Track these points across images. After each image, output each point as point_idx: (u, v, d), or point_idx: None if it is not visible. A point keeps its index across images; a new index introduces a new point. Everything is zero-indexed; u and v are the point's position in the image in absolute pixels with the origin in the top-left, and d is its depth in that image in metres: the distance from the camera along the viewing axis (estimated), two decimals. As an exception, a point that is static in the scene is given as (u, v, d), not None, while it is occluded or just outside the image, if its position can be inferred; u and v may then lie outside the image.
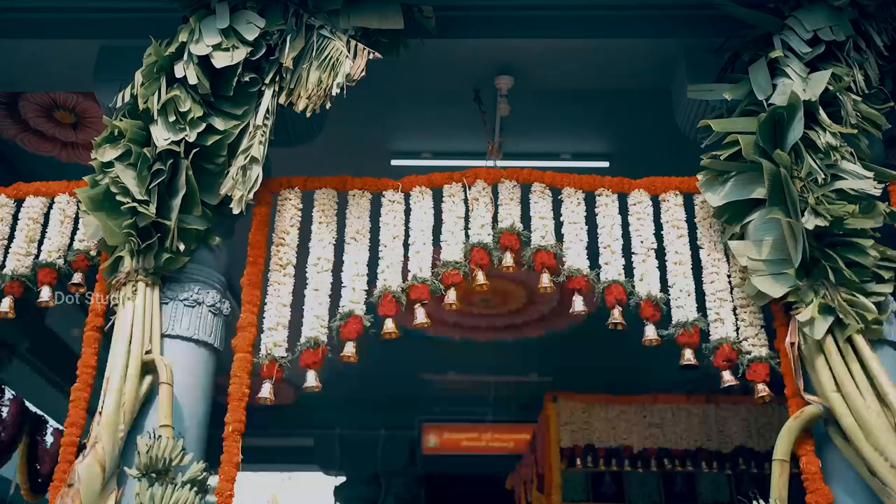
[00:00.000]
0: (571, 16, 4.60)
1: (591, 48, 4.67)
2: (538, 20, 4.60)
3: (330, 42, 3.92)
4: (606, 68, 4.80)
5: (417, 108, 5.86)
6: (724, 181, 3.99)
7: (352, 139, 6.18)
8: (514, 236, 4.15)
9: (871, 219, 3.62)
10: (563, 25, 4.61)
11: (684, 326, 3.91)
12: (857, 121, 3.82)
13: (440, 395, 11.28)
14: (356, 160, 6.21)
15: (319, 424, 11.53)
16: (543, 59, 4.77)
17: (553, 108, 5.89)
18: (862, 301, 3.60)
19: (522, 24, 4.61)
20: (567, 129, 6.10)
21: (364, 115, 5.96)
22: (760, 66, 4.04)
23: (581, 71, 4.82)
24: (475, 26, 4.59)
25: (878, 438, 3.35)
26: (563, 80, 4.90)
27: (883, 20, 4.03)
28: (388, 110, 5.94)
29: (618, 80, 4.90)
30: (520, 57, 4.75)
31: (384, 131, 6.16)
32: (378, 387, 10.92)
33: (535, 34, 4.62)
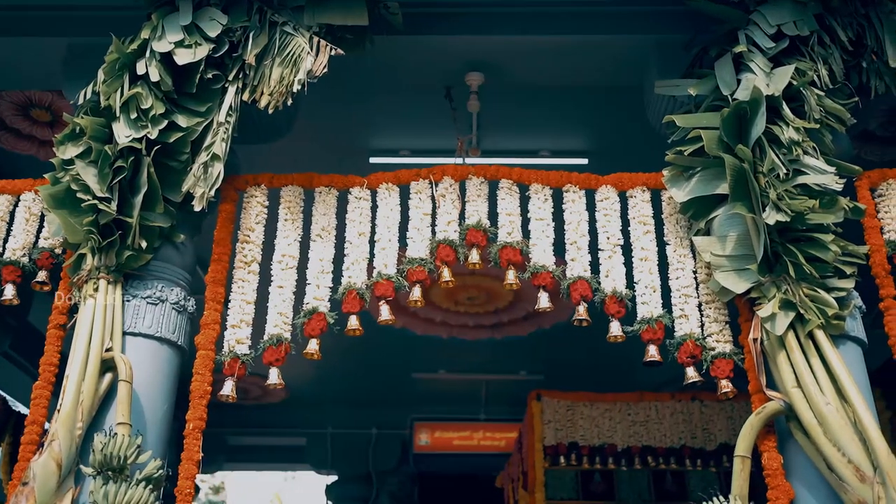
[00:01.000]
0: (542, 12, 4.59)
1: (562, 45, 4.66)
2: (509, 17, 4.60)
3: (293, 38, 3.91)
4: (578, 65, 4.79)
5: (396, 106, 5.85)
6: (690, 177, 3.97)
7: (331, 137, 6.19)
8: (480, 233, 4.14)
9: (832, 214, 3.61)
10: (534, 22, 4.60)
11: (648, 323, 3.90)
12: (820, 116, 3.80)
13: (432, 394, 11.28)
14: (335, 158, 6.22)
15: (311, 423, 11.55)
16: (515, 56, 4.76)
17: (531, 106, 5.88)
18: (823, 296, 3.58)
19: (493, 20, 4.60)
20: (546, 127, 6.08)
21: (343, 112, 5.98)
22: (726, 61, 4.03)
23: (553, 68, 4.81)
24: (445, 23, 4.58)
25: (836, 434, 3.33)
26: (536, 76, 4.89)
27: (847, 15, 4.00)
28: (366, 108, 5.93)
29: (590, 76, 4.89)
30: (491, 54, 4.75)
31: (363, 129, 6.15)
32: (370, 386, 10.94)
33: (505, 31, 4.61)
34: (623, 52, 4.64)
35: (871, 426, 3.28)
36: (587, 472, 8.54)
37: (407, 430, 11.43)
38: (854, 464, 3.28)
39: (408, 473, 12.16)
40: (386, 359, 10.20)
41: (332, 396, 11.30)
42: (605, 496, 8.66)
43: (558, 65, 4.78)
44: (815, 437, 3.39)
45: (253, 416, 11.58)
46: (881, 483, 3.20)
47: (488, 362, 10.32)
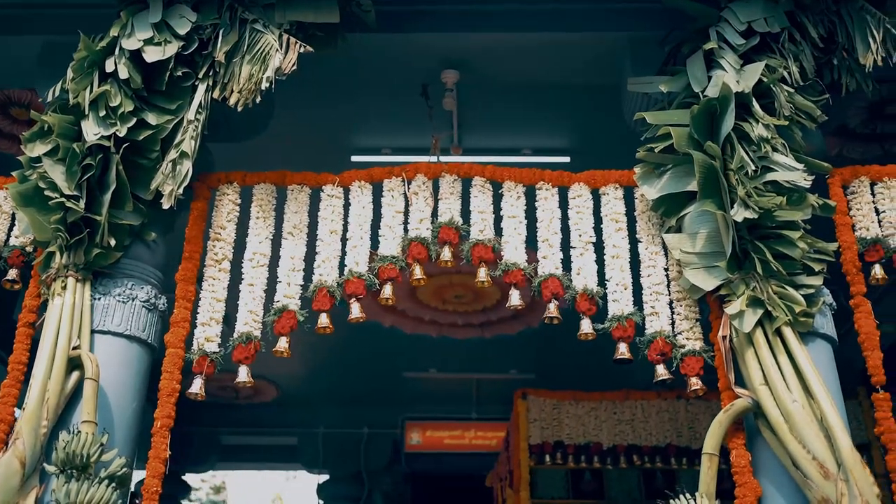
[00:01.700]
0: (517, 10, 4.59)
1: (538, 43, 4.67)
2: (483, 14, 4.60)
3: (262, 36, 3.91)
4: (554, 63, 4.79)
5: (377, 105, 5.83)
6: (661, 174, 3.97)
7: (313, 136, 6.18)
8: (452, 230, 4.14)
9: (800, 211, 3.60)
10: (509, 20, 4.60)
11: (619, 320, 3.89)
12: (790, 112, 3.79)
13: (423, 393, 11.27)
14: (317, 156, 6.17)
15: (303, 423, 11.55)
16: (490, 54, 4.76)
17: (513, 104, 5.86)
18: (791, 293, 3.57)
19: (468, 18, 4.60)
20: (527, 125, 6.06)
21: (324, 111, 5.97)
22: (697, 58, 4.02)
23: (528, 65, 4.82)
24: (420, 20, 4.58)
25: (801, 431, 3.33)
26: (511, 74, 4.90)
27: (819, 12, 3.99)
28: (347, 107, 5.92)
29: (566, 74, 4.89)
30: (467, 52, 4.75)
31: (344, 128, 6.13)
32: (361, 385, 10.93)
33: (480, 29, 4.61)
34: (598, 49, 4.64)
35: (835, 423, 3.27)
36: (577, 471, 8.53)
37: (398, 430, 11.42)
38: (818, 461, 3.27)
39: (401, 473, 12.15)
40: (377, 358, 10.19)
41: (324, 396, 11.30)
42: (595, 495, 8.65)
43: (534, 62, 4.79)
44: (781, 434, 3.38)
45: (245, 415, 11.58)
46: (844, 480, 3.20)
47: (479, 361, 10.30)
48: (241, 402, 11.34)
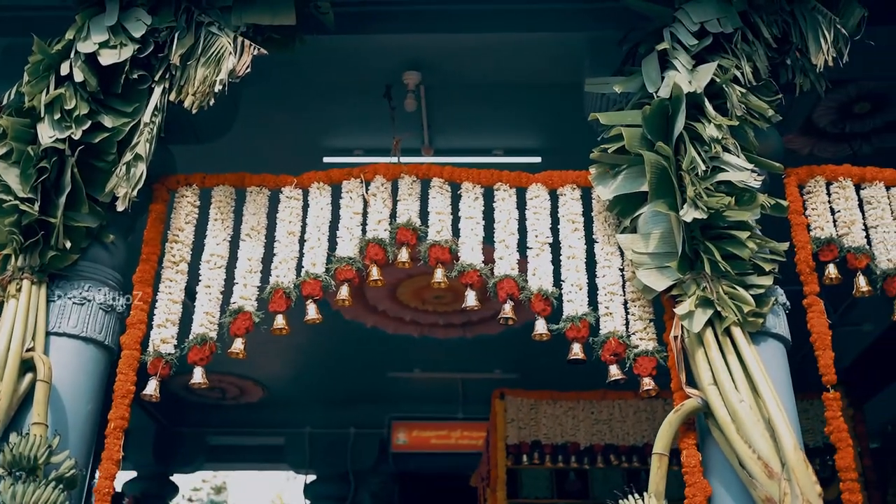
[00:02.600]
0: (478, 10, 4.60)
1: (499, 43, 4.67)
2: (444, 15, 4.61)
3: (217, 39, 3.92)
4: (516, 63, 4.80)
5: (348, 106, 5.86)
6: (616, 174, 3.98)
7: (286, 137, 6.21)
8: (410, 231, 4.15)
9: (749, 211, 3.61)
10: (470, 20, 4.61)
11: (573, 321, 3.90)
12: (742, 112, 3.80)
13: (410, 393, 11.30)
14: (289, 158, 6.22)
15: (290, 423, 11.58)
16: (451, 55, 4.78)
17: (484, 105, 5.89)
18: (741, 293, 3.58)
19: (429, 19, 4.61)
20: (499, 125, 6.09)
21: (297, 113, 6.00)
22: (652, 58, 4.03)
23: (490, 66, 4.83)
24: (380, 22, 4.59)
25: (748, 431, 3.34)
26: (478, 75, 4.91)
27: (773, 12, 4.00)
28: (320, 108, 5.94)
29: (528, 74, 4.90)
30: (431, 53, 4.76)
31: (317, 129, 6.16)
32: (347, 385, 10.97)
33: (441, 29, 4.62)
34: (560, 49, 4.65)
35: (780, 422, 3.28)
36: (562, 472, 8.55)
37: (385, 430, 11.45)
38: (763, 460, 3.28)
39: (389, 473, 12.19)
40: (362, 358, 10.23)
41: (311, 396, 11.34)
42: (580, 495, 8.68)
43: (497, 63, 4.79)
44: (728, 433, 3.39)
45: (233, 416, 11.62)
46: (787, 479, 3.21)
47: (463, 361, 10.32)
48: (227, 403, 11.38)
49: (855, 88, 5.45)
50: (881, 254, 3.94)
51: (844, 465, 3.55)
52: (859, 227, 4.00)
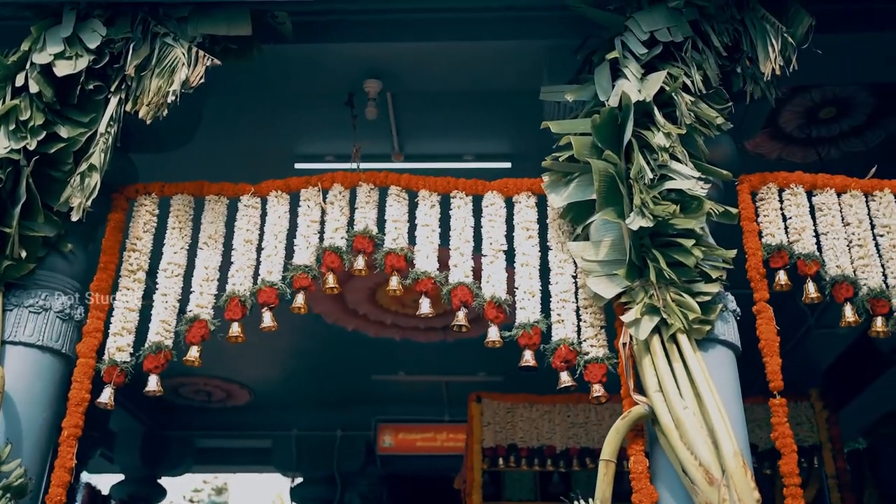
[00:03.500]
0: (437, 19, 4.60)
1: (459, 51, 4.68)
2: (404, 24, 4.62)
3: (172, 50, 3.96)
4: (476, 70, 4.82)
5: (318, 112, 5.89)
6: (568, 182, 4.01)
7: (257, 144, 6.25)
8: (366, 239, 4.19)
9: (695, 219, 3.63)
10: (430, 29, 4.61)
11: (524, 328, 3.94)
12: (691, 120, 3.82)
13: (396, 396, 11.33)
14: (261, 165, 6.24)
15: (277, 426, 11.61)
16: (412, 63, 4.80)
17: (451, 111, 5.93)
18: (687, 301, 3.61)
19: (389, 28, 4.62)
20: (469, 131, 6.12)
21: (268, 120, 6.04)
22: (604, 67, 4.06)
23: (458, 73, 4.84)
24: (341, 31, 4.60)
25: (690, 437, 3.37)
26: (442, 82, 4.93)
27: (724, 21, 4.02)
28: (290, 115, 5.98)
29: (489, 81, 4.92)
30: (394, 61, 4.77)
31: (288, 136, 6.20)
32: (333, 388, 11.00)
33: (401, 38, 4.63)
34: (518, 57, 4.68)
35: (720, 428, 3.31)
36: (545, 474, 8.59)
37: (371, 432, 11.47)
38: (704, 466, 3.31)
39: (377, 475, 12.22)
40: (346, 361, 10.26)
41: (297, 399, 11.37)
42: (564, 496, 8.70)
43: (457, 70, 4.82)
44: (672, 440, 3.42)
45: (220, 419, 11.66)
46: (727, 485, 3.23)
47: (447, 364, 10.34)
48: (214, 406, 11.43)
49: (819, 94, 5.48)
50: (830, 260, 3.97)
51: (788, 470, 3.58)
52: (810, 233, 4.03)
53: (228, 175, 4.52)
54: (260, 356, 10.19)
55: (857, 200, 4.11)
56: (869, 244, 4.00)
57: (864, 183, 4.15)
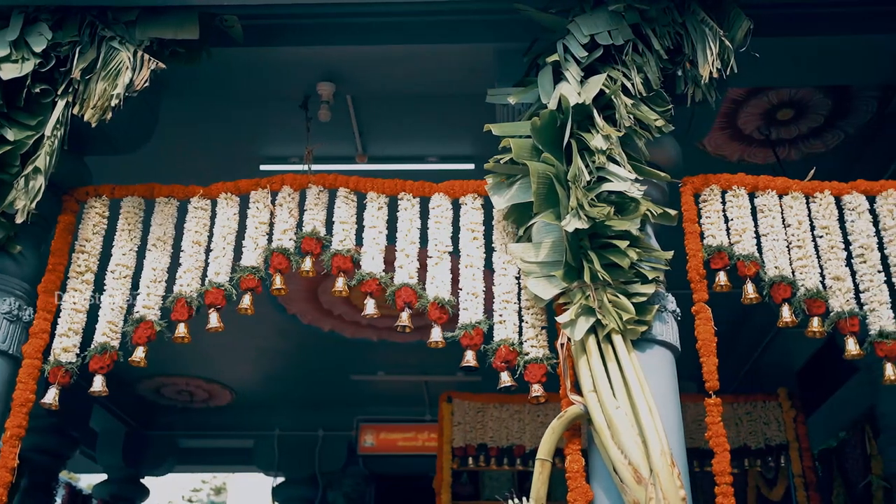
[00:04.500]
0: (389, 22, 4.63)
1: (410, 54, 4.71)
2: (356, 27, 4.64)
3: (118, 53, 4.00)
4: (429, 73, 4.85)
5: (280, 114, 5.92)
6: (511, 184, 4.05)
7: (223, 145, 6.29)
8: (314, 241, 4.23)
9: (629, 220, 3.67)
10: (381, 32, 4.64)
11: (466, 329, 3.98)
12: (630, 123, 3.86)
13: (377, 396, 11.36)
14: (227, 166, 6.29)
15: (259, 426, 11.63)
16: (366, 66, 4.82)
17: (412, 113, 5.97)
18: (622, 301, 3.64)
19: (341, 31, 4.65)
20: (432, 133, 6.16)
21: (233, 122, 6.07)
22: (547, 70, 4.09)
23: (404, 76, 4.86)
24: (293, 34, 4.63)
25: (621, 437, 3.40)
26: (388, 85, 4.95)
27: (665, 24, 4.06)
28: (254, 117, 6.02)
29: (442, 84, 4.95)
30: (344, 64, 4.80)
31: (253, 138, 6.23)
32: (314, 388, 11.04)
33: (353, 41, 4.66)
34: (470, 60, 4.70)
35: (649, 428, 3.35)
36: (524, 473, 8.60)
37: (353, 432, 11.51)
38: (633, 465, 3.35)
39: (361, 474, 12.26)
40: (325, 361, 10.30)
41: (279, 399, 11.41)
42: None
43: (410, 73, 4.84)
44: (604, 439, 3.46)
45: (202, 419, 11.69)
46: (654, 484, 3.27)
47: (426, 363, 10.38)
48: (196, 406, 11.46)
49: (775, 95, 5.52)
50: (770, 261, 4.00)
51: (720, 469, 3.61)
52: (750, 235, 4.06)
53: (194, 177, 4.55)
54: (240, 357, 10.24)
55: (798, 202, 4.15)
56: (808, 245, 4.03)
57: (805, 185, 4.19)
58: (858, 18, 4.44)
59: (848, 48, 4.56)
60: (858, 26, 4.44)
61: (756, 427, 7.42)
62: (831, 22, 4.44)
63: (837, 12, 4.45)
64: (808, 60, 4.60)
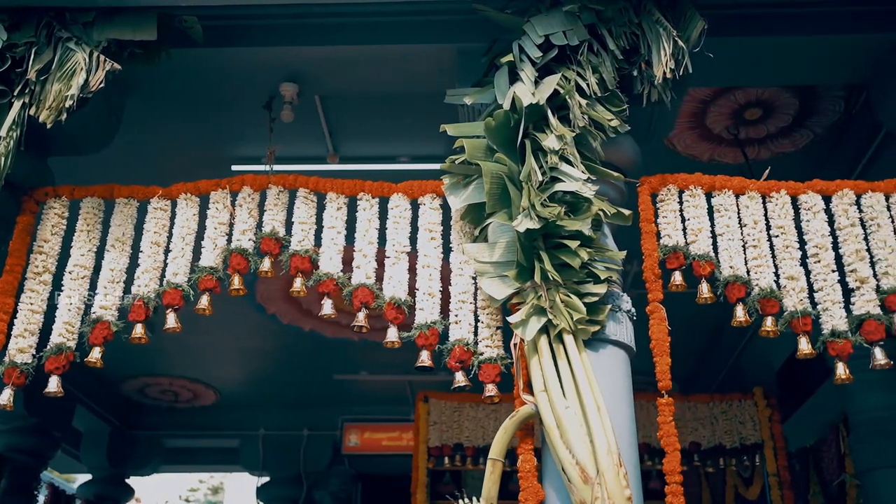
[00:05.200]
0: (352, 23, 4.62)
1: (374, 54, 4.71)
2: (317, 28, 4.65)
3: (74, 54, 4.00)
4: (393, 74, 4.85)
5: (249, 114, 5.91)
6: (467, 184, 4.05)
7: (195, 146, 6.29)
8: (273, 241, 4.24)
9: (580, 220, 3.67)
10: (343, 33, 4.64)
11: (421, 329, 3.99)
12: (584, 123, 3.87)
13: (362, 396, 11.37)
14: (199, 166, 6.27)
15: (244, 426, 11.64)
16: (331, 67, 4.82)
17: (385, 113, 5.98)
18: (574, 301, 3.65)
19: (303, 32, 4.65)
20: (402, 133, 6.16)
21: (205, 122, 6.08)
22: (503, 70, 4.10)
23: (370, 77, 4.87)
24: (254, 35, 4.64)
25: (570, 436, 3.41)
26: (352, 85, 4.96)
27: (622, 25, 4.06)
28: (226, 117, 6.02)
29: (407, 84, 4.95)
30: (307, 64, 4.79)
31: (225, 138, 6.24)
32: (299, 388, 11.05)
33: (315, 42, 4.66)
34: (432, 60, 4.71)
35: (596, 427, 3.35)
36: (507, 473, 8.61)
37: (338, 432, 11.52)
38: (581, 465, 3.35)
39: (348, 474, 12.27)
40: (308, 361, 10.31)
41: (264, 399, 11.42)
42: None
43: (373, 74, 4.84)
44: (552, 439, 3.47)
45: (187, 418, 11.70)
46: (600, 483, 3.28)
47: (409, 363, 10.33)
48: (181, 406, 11.48)
49: (743, 95, 5.53)
50: (725, 261, 4.01)
51: (670, 468, 3.62)
52: (706, 234, 4.07)
53: (167, 178, 4.53)
54: (224, 357, 10.25)
55: (754, 202, 4.15)
56: (763, 245, 4.04)
57: (762, 184, 4.19)
58: (819, 19, 4.44)
59: (809, 49, 4.57)
60: (819, 27, 4.45)
61: (732, 426, 7.43)
62: (792, 22, 4.45)
63: (798, 13, 4.46)
64: (769, 60, 4.60)
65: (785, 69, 4.66)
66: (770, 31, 4.43)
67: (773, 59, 4.59)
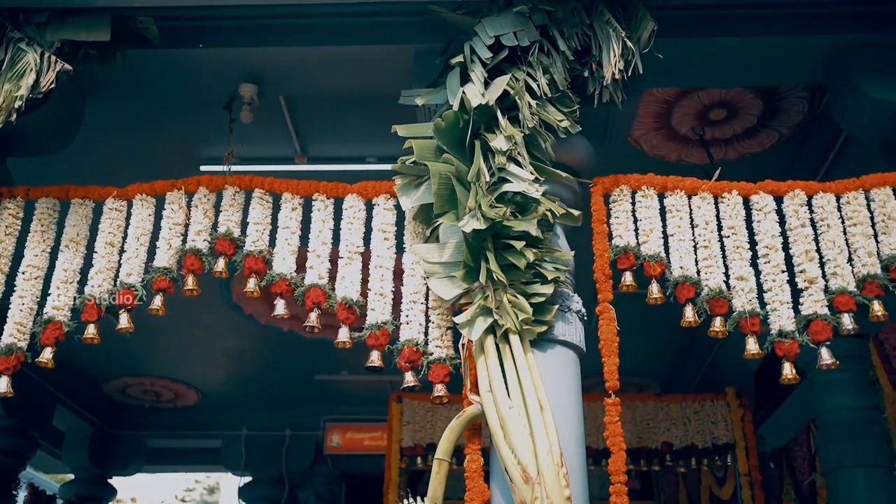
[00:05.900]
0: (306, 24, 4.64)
1: (332, 56, 4.72)
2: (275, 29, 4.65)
3: (25, 55, 4.01)
4: (352, 75, 4.86)
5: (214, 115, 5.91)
6: (418, 185, 4.06)
7: (162, 146, 6.30)
8: (227, 242, 4.24)
9: (527, 221, 3.68)
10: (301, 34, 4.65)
11: (372, 329, 3.99)
12: (534, 124, 3.87)
13: (343, 396, 11.39)
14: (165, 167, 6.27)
15: (226, 426, 11.66)
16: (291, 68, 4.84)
17: (351, 114, 5.99)
18: (520, 301, 3.65)
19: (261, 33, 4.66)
20: (369, 134, 6.16)
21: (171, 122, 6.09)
22: (455, 71, 4.10)
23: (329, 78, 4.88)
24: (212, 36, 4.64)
25: (513, 437, 3.42)
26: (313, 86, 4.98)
27: (573, 25, 4.07)
28: (192, 117, 6.04)
29: (367, 85, 4.95)
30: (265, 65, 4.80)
31: (192, 138, 6.25)
32: (281, 388, 11.07)
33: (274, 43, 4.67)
34: (390, 61, 4.72)
35: (537, 426, 3.36)
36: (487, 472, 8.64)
37: (320, 432, 11.54)
38: (522, 465, 3.36)
39: (331, 474, 12.28)
40: (288, 361, 10.32)
41: (246, 399, 11.43)
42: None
43: (334, 74, 4.85)
44: (496, 439, 3.48)
45: (169, 418, 11.72)
46: (539, 483, 3.29)
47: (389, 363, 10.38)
48: (163, 406, 11.48)
49: (706, 95, 5.54)
50: (675, 261, 4.02)
51: (615, 468, 3.62)
52: (658, 235, 4.07)
53: (134, 179, 4.53)
54: (205, 357, 10.27)
55: (706, 202, 4.16)
56: (714, 245, 4.05)
57: (714, 185, 4.20)
58: (773, 21, 4.45)
59: (764, 50, 4.58)
60: (773, 28, 4.46)
61: (704, 426, 7.45)
62: (747, 24, 4.46)
63: (753, 14, 4.47)
64: (724, 61, 4.60)
65: (741, 70, 4.67)
66: (724, 33, 4.44)
67: (728, 60, 4.60)
